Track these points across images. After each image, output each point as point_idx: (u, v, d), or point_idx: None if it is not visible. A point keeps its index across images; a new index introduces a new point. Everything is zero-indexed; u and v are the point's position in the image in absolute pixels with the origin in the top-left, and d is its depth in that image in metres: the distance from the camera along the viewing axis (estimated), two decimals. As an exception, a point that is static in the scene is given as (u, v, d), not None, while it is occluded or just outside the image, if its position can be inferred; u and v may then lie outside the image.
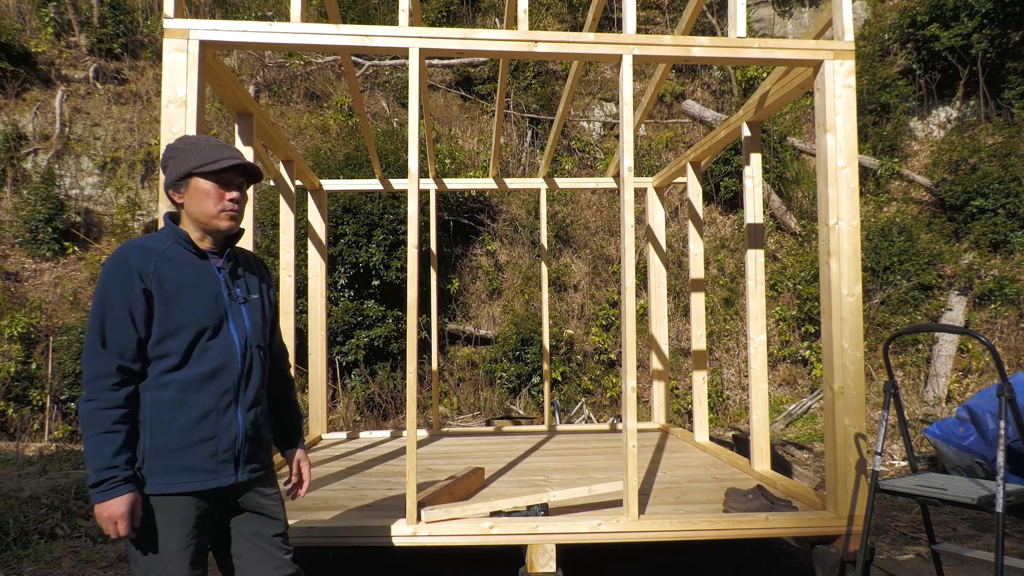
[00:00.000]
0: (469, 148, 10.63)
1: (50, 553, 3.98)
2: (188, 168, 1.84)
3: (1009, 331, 8.25)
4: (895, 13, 11.18)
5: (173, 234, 1.86)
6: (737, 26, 3.36)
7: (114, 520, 1.67)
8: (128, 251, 1.78)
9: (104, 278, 1.76)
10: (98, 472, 1.66)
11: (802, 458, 6.38)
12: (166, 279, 1.78)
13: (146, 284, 1.75)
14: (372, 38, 3.15)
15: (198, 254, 1.87)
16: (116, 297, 1.74)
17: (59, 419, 7.71)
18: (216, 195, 1.85)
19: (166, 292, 1.77)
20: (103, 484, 1.66)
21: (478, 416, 8.42)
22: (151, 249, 1.80)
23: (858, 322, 3.17)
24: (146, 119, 10.34)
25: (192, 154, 1.85)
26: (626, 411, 3.11)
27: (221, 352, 1.83)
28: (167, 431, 1.75)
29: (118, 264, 1.76)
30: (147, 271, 1.76)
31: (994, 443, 4.74)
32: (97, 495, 1.66)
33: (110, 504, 1.66)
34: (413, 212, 3.10)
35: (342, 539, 3.00)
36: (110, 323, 1.73)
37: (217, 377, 1.81)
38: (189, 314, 1.79)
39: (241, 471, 1.86)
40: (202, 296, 1.82)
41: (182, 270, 1.81)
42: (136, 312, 1.74)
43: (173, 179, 1.87)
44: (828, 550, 3.11)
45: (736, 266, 9.63)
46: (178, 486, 1.75)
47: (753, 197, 4.16)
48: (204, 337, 1.81)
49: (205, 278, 1.85)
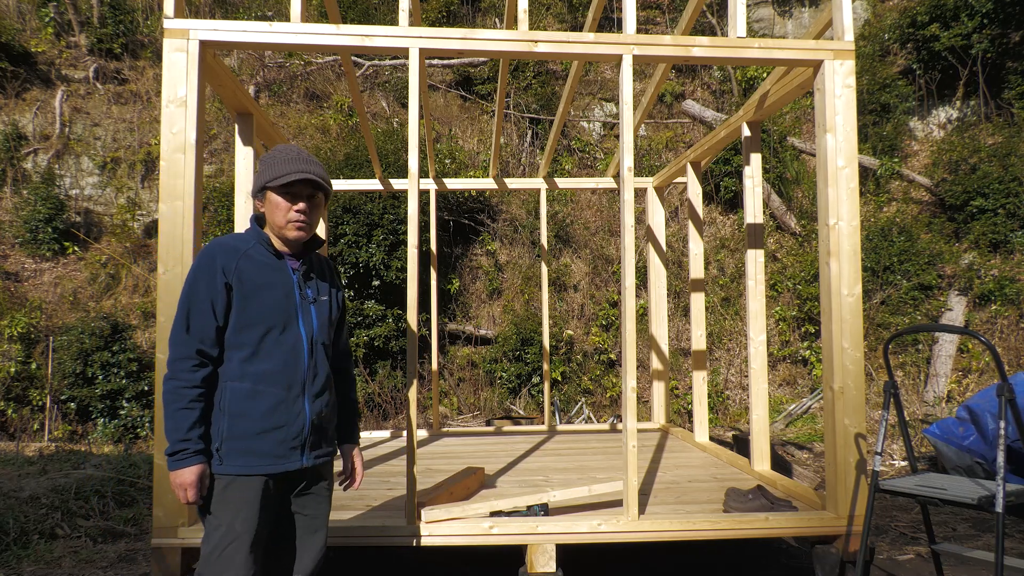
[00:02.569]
0: (469, 148, 10.63)
1: (50, 553, 3.98)
2: (263, 182, 2.03)
3: (1009, 331, 8.25)
4: (895, 13, 11.18)
5: (256, 235, 2.06)
6: (737, 26, 3.36)
7: (184, 487, 1.86)
8: (216, 248, 1.98)
9: (193, 270, 1.96)
10: (174, 443, 1.86)
11: (802, 458, 6.38)
12: (246, 277, 1.97)
13: (228, 279, 1.95)
14: (372, 38, 3.15)
15: (276, 255, 2.06)
16: (202, 288, 1.93)
17: (59, 419, 7.71)
18: (284, 207, 2.02)
19: (245, 288, 1.96)
20: (178, 454, 1.86)
21: (478, 416, 8.42)
22: (236, 248, 2.00)
23: (858, 322, 3.17)
24: (146, 119, 10.34)
25: (269, 168, 2.03)
26: (626, 411, 3.11)
27: (291, 347, 2.01)
28: (243, 419, 1.93)
29: (207, 258, 1.96)
30: (230, 267, 1.96)
31: (994, 443, 4.74)
32: (172, 463, 1.86)
33: (182, 472, 1.86)
34: (413, 212, 3.10)
35: (342, 539, 3.01)
36: (194, 311, 1.92)
37: (287, 370, 1.99)
38: (263, 310, 1.97)
39: (306, 457, 2.03)
40: (275, 295, 2.00)
41: (261, 270, 2.01)
42: (217, 303, 1.94)
43: (255, 190, 2.07)
44: (828, 550, 3.11)
45: (736, 266, 9.63)
46: (251, 468, 1.93)
47: (753, 197, 4.16)
48: (275, 332, 1.99)
49: (280, 278, 2.03)
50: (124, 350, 7.66)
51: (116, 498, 4.83)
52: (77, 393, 7.52)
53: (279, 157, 2.04)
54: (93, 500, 4.69)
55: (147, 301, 8.96)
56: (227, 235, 2.06)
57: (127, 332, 7.99)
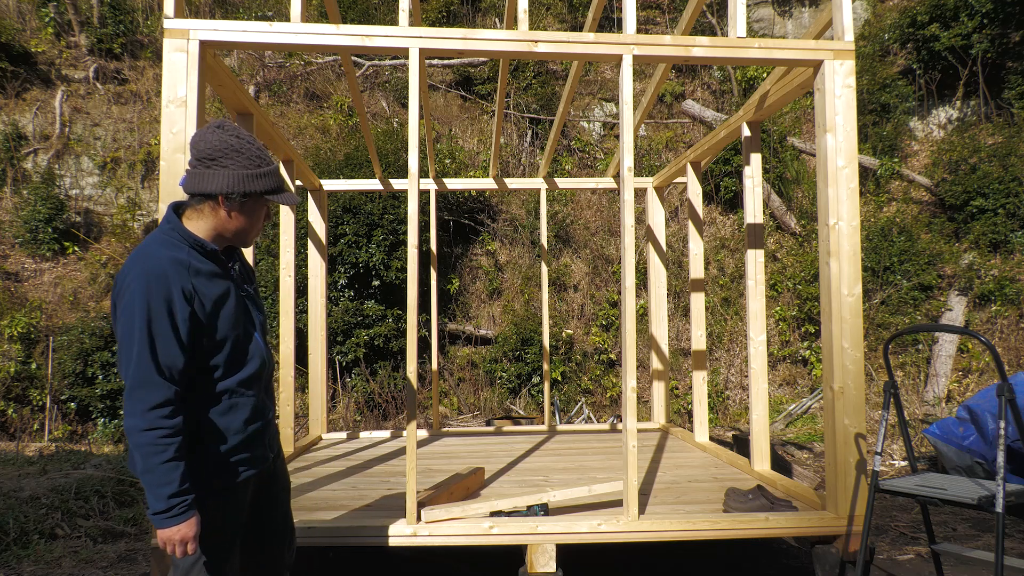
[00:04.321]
0: (469, 148, 10.63)
1: (50, 553, 3.98)
2: (258, 190, 1.81)
3: (1009, 331, 8.25)
4: (895, 13, 11.18)
5: (187, 239, 1.80)
6: (737, 26, 3.36)
7: (186, 541, 1.71)
8: (163, 267, 1.70)
9: (144, 295, 1.66)
10: (167, 500, 1.67)
11: (802, 458, 6.38)
12: (205, 297, 1.77)
13: (191, 305, 1.73)
14: (372, 38, 3.15)
15: (216, 261, 1.86)
16: (162, 318, 1.68)
17: (59, 419, 7.71)
18: (260, 220, 1.90)
19: (207, 311, 1.77)
20: (174, 509, 1.68)
21: (478, 416, 8.42)
22: (180, 261, 1.74)
23: (858, 322, 3.17)
24: (146, 119, 10.34)
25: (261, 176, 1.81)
26: (626, 411, 3.11)
27: (254, 351, 1.92)
28: (226, 434, 1.83)
29: (159, 282, 1.68)
30: (188, 290, 1.72)
31: (994, 443, 4.74)
32: (167, 520, 1.68)
33: (181, 528, 1.70)
34: (413, 212, 3.10)
35: (342, 539, 3.01)
36: (161, 347, 1.68)
37: (256, 374, 1.92)
38: (226, 327, 1.82)
39: (271, 448, 2.03)
40: (230, 305, 1.85)
41: (212, 284, 1.80)
42: (183, 334, 1.71)
43: (236, 192, 1.78)
44: (828, 550, 3.11)
45: (736, 266, 9.63)
46: (241, 476, 1.87)
47: (753, 197, 4.16)
48: (241, 340, 1.87)
49: (228, 287, 1.86)
50: (124, 350, 7.65)
51: (116, 498, 4.83)
52: (77, 393, 7.51)
53: (264, 157, 1.83)
54: (93, 500, 4.69)
55: (147, 301, 8.95)
56: (153, 242, 1.76)
57: (127, 332, 7.98)
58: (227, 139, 1.77)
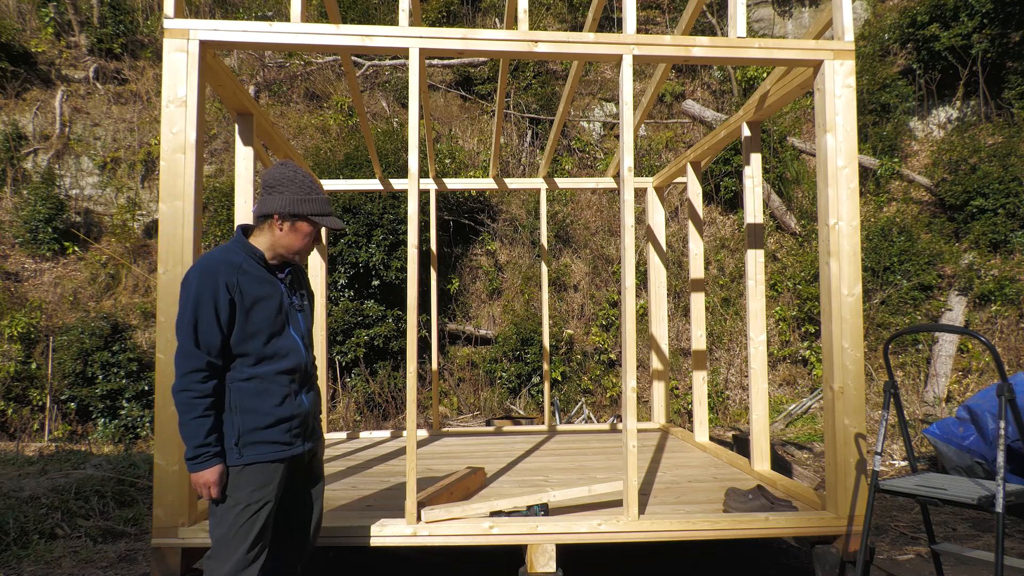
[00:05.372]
0: (469, 148, 10.63)
1: (50, 553, 3.98)
2: (307, 211, 2.21)
3: (1009, 331, 8.25)
4: (895, 13, 11.18)
5: (246, 249, 2.23)
6: (737, 26, 3.36)
7: (208, 485, 2.08)
8: (216, 264, 2.13)
9: (196, 286, 2.10)
10: (194, 448, 2.06)
11: (802, 458, 6.38)
12: (246, 291, 2.16)
13: (231, 295, 2.13)
14: (372, 38, 3.15)
15: (268, 269, 2.26)
16: (207, 303, 2.09)
17: (59, 419, 7.71)
18: (307, 239, 2.27)
19: (246, 302, 2.15)
20: (199, 457, 2.07)
21: (478, 416, 8.42)
22: (233, 264, 2.16)
23: (858, 322, 3.17)
24: (146, 119, 10.34)
25: (311, 201, 2.22)
26: (626, 411, 3.11)
27: (289, 349, 2.24)
28: (255, 415, 2.16)
29: (209, 275, 2.11)
30: (232, 283, 2.13)
31: (994, 443, 4.74)
32: (194, 466, 2.07)
33: (204, 473, 2.08)
34: (413, 212, 3.11)
35: (342, 539, 3.01)
36: (202, 325, 2.09)
37: (288, 369, 2.23)
38: (262, 322, 2.18)
39: (307, 442, 2.31)
40: (271, 305, 2.21)
41: (258, 284, 2.20)
42: (222, 318, 2.11)
43: (288, 212, 2.19)
44: (828, 550, 3.11)
45: (736, 266, 9.63)
46: (266, 456, 2.17)
47: (753, 197, 4.16)
48: (275, 337, 2.21)
49: (273, 291, 2.24)
50: (124, 350, 7.66)
51: (116, 498, 4.83)
52: (77, 393, 7.52)
53: (314, 187, 2.24)
54: (93, 500, 4.69)
55: (147, 301, 8.96)
56: (218, 249, 2.21)
57: (127, 332, 7.99)
58: (285, 172, 2.23)
